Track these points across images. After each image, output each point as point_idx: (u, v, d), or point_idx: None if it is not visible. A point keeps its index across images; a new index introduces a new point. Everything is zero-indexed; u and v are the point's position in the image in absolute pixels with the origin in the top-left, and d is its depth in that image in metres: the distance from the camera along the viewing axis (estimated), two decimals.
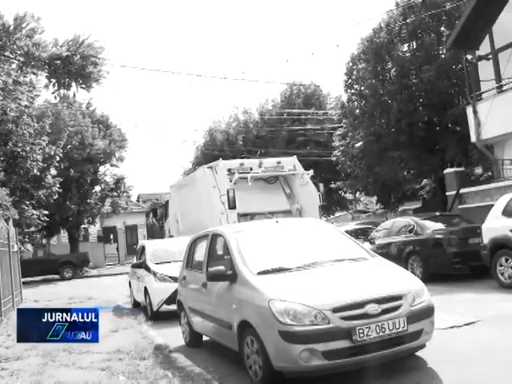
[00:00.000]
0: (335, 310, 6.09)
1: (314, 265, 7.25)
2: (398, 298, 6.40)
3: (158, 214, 26.88)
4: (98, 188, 41.22)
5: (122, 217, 45.38)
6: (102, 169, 41.49)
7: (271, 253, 7.72)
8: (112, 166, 41.81)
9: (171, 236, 20.84)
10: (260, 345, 6.42)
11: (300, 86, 44.74)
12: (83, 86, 6.02)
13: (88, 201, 38.47)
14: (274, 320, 6.16)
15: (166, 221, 23.92)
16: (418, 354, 6.96)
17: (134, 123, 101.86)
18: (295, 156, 17.93)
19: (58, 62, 5.80)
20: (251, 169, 16.59)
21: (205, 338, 9.50)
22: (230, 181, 15.79)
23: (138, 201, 58.17)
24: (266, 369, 6.39)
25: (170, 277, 12.99)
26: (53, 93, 6.23)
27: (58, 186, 29.86)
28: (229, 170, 16.29)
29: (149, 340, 10.00)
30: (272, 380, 6.45)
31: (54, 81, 6.02)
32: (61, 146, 31.51)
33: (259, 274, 7.06)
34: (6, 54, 5.70)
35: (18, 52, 5.63)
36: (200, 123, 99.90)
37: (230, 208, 15.21)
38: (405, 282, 6.90)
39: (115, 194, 41.58)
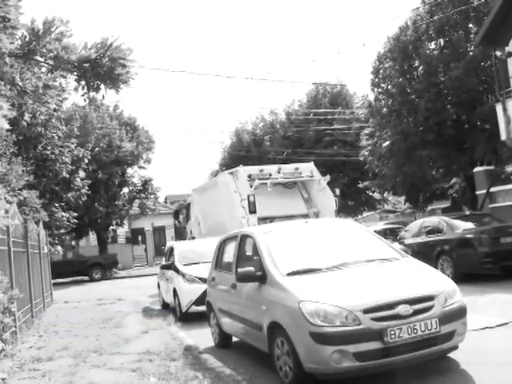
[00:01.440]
0: (366, 311, 6.03)
1: (344, 265, 7.18)
2: (430, 298, 6.32)
3: (179, 216, 27.19)
4: (125, 190, 41.57)
5: (150, 218, 45.62)
6: (129, 171, 41.84)
7: (301, 253, 7.69)
8: (139, 167, 42.16)
9: (193, 237, 21.45)
10: (290, 346, 6.38)
11: (326, 85, 44.52)
12: (112, 87, 6.06)
13: (116, 203, 38.80)
14: (304, 321, 6.13)
15: (187, 222, 24.29)
16: (450, 355, 6.87)
17: (161, 125, 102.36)
18: (312, 162, 18.60)
19: (86, 64, 5.84)
20: (270, 175, 17.29)
21: (234, 338, 9.50)
22: (251, 186, 16.46)
23: (166, 202, 58.54)
24: (296, 370, 6.36)
25: (198, 278, 13.05)
26: (82, 95, 6.28)
27: (86, 188, 30.18)
28: (249, 176, 16.97)
29: (178, 341, 10.03)
30: (302, 381, 6.41)
31: (83, 83, 6.06)
32: (89, 148, 31.82)
33: (289, 274, 7.02)
34: (36, 57, 5.76)
35: (48, 55, 5.69)
36: (227, 124, 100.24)
37: (250, 212, 15.86)
38: (437, 282, 6.81)
39: (143, 195, 41.87)
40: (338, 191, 18.55)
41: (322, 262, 7.28)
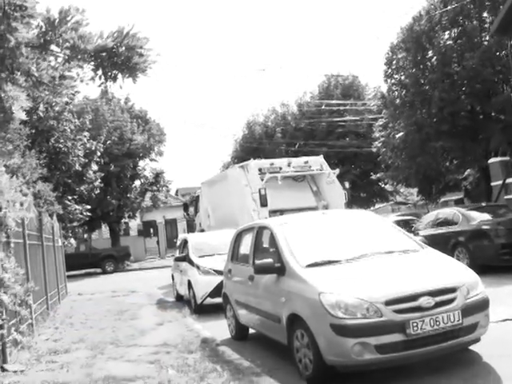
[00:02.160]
0: (388, 303, 5.95)
1: (364, 257, 7.10)
2: (453, 290, 6.23)
3: (188, 209, 27.41)
4: (137, 182, 41.63)
5: (162, 211, 45.65)
6: (141, 163, 41.88)
7: (319, 245, 7.62)
8: (151, 160, 42.16)
9: (202, 230, 21.64)
10: (310, 338, 6.32)
11: (338, 77, 44.30)
12: (129, 76, 5.99)
13: (128, 195, 38.86)
14: (325, 313, 6.06)
15: (196, 215, 24.52)
16: (472, 348, 6.76)
17: (172, 118, 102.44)
18: (322, 155, 18.76)
19: (103, 54, 5.77)
20: (280, 168, 17.53)
21: (250, 330, 9.45)
22: (262, 180, 16.69)
23: (177, 195, 58.57)
24: (316, 362, 6.29)
25: (213, 270, 13.02)
26: (99, 85, 6.21)
27: (99, 181, 30.22)
28: (259, 170, 17.19)
29: (195, 333, 9.98)
30: (323, 374, 6.35)
31: (99, 73, 6.00)
32: (101, 141, 31.83)
33: (308, 266, 6.95)
34: (52, 47, 5.69)
35: (64, 45, 5.62)
36: (238, 117, 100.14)
37: (261, 206, 16.12)
38: (459, 273, 6.72)
39: (155, 188, 41.90)
40: (347, 184, 18.94)
41: (341, 253, 7.21)
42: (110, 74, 5.92)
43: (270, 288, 7.56)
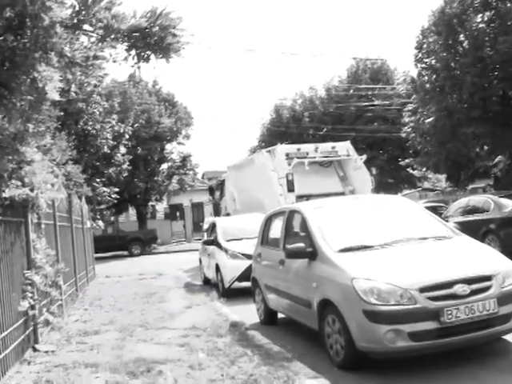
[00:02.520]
0: (422, 290, 5.87)
1: (398, 243, 7.01)
2: (488, 278, 6.12)
3: (213, 192, 27.65)
4: (164, 166, 41.77)
5: (189, 194, 45.78)
6: (168, 147, 41.98)
7: (352, 230, 7.53)
8: (178, 143, 42.24)
9: (228, 213, 21.84)
10: (342, 324, 6.25)
11: (366, 60, 43.84)
12: (163, 57, 5.93)
13: (155, 178, 39.01)
14: (358, 299, 5.99)
15: (221, 199, 24.71)
16: (507, 337, 6.62)
17: (199, 101, 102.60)
18: (349, 141, 18.89)
19: (137, 34, 5.72)
20: (307, 153, 17.61)
21: (279, 315, 9.40)
22: (289, 165, 16.74)
23: (203, 178, 58.67)
24: (348, 348, 6.24)
25: (241, 254, 13.01)
26: (132, 66, 6.16)
27: (127, 163, 30.35)
28: (287, 155, 17.25)
29: (223, 317, 9.96)
30: (354, 360, 6.30)
31: (133, 53, 5.95)
32: (129, 124, 31.93)
33: (340, 251, 6.87)
34: (86, 27, 5.65)
35: (98, 25, 5.57)
36: (266, 100, 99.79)
37: (288, 191, 16.20)
38: (494, 261, 6.60)
39: (182, 171, 42.01)
40: (374, 170, 18.66)
41: (374, 238, 7.12)
42: (143, 54, 5.88)
43: (301, 273, 7.50)
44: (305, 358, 6.92)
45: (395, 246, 6.92)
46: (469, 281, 5.99)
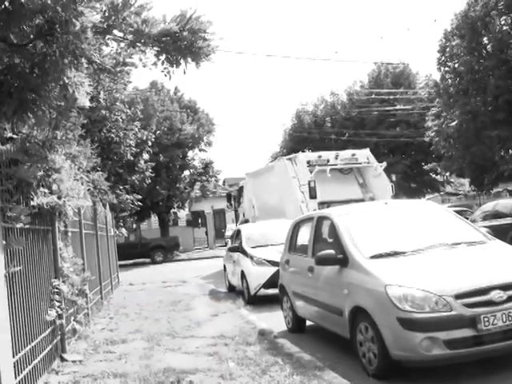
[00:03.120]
0: (458, 297, 5.73)
1: (430, 248, 6.87)
2: None
3: (231, 199, 27.98)
4: (187, 173, 41.80)
5: (210, 201, 45.77)
6: (190, 154, 42.05)
7: (382, 235, 7.41)
8: (200, 150, 42.26)
9: (246, 220, 22.00)
10: (375, 332, 6.13)
11: (388, 64, 43.60)
12: (193, 61, 5.85)
13: (177, 185, 39.05)
14: (391, 306, 5.87)
15: (239, 206, 25.19)
16: None
17: (221, 107, 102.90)
18: (368, 149, 19.19)
19: (166, 38, 5.65)
20: (328, 161, 18.01)
21: (307, 322, 9.27)
22: (310, 172, 17.09)
23: (224, 185, 58.68)
24: (381, 357, 6.11)
25: (267, 260, 12.92)
26: (162, 71, 6.09)
27: (150, 170, 30.39)
28: (308, 162, 17.64)
29: (251, 325, 9.84)
30: (388, 368, 6.17)
31: (162, 58, 5.87)
32: (152, 131, 32.00)
33: (372, 257, 6.75)
34: (116, 32, 5.58)
35: (128, 30, 5.51)
36: (288, 106, 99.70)
37: (311, 198, 16.47)
38: None
39: (204, 178, 42.02)
40: (394, 177, 19.31)
41: (405, 244, 7.00)
42: (173, 58, 5.81)
43: (332, 280, 7.37)
44: (336, 366, 6.79)
45: (428, 252, 6.78)
46: (505, 287, 5.84)
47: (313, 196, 16.45)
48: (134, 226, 40.07)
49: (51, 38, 4.96)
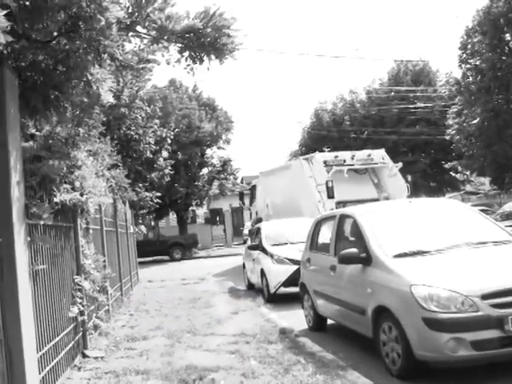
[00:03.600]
0: (484, 297, 5.63)
1: (455, 247, 6.78)
2: None
3: (243, 198, 28.19)
4: (205, 170, 41.80)
5: (228, 199, 45.74)
6: (209, 151, 42.02)
7: (406, 234, 7.33)
8: (219, 148, 42.24)
9: (259, 218, 22.09)
10: (400, 332, 6.06)
11: (408, 62, 43.27)
12: (216, 59, 5.82)
13: (196, 183, 39.06)
14: (416, 306, 5.80)
15: (251, 204, 25.43)
16: None
17: (239, 105, 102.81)
18: (383, 149, 19.45)
19: (190, 34, 5.62)
20: (344, 161, 18.22)
21: (328, 321, 9.21)
22: (327, 172, 17.25)
23: (242, 183, 58.70)
24: (405, 357, 6.03)
25: (287, 259, 12.89)
26: (185, 68, 6.06)
27: (169, 168, 30.44)
28: (325, 162, 17.84)
29: (272, 323, 9.80)
30: (412, 369, 6.10)
31: (186, 55, 5.85)
32: (171, 128, 32.04)
33: (396, 256, 6.68)
34: (139, 28, 5.57)
35: (151, 26, 5.49)
36: (306, 104, 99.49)
37: (328, 198, 16.63)
38: None
39: (222, 176, 42.03)
40: (410, 177, 19.28)
41: (430, 243, 6.91)
42: (197, 55, 5.78)
43: (355, 278, 7.31)
44: (359, 366, 6.73)
45: (453, 251, 6.69)
46: None
47: (330, 196, 16.57)
48: (153, 223, 40.18)
49: (75, 34, 4.94)
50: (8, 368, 4.74)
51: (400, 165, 18.44)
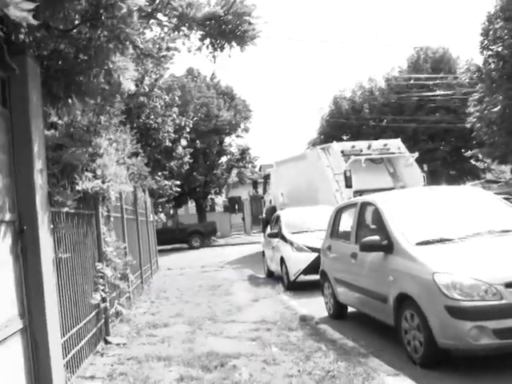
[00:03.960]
0: (508, 285, 5.58)
1: (478, 235, 6.72)
2: None
3: (257, 186, 28.40)
4: (224, 159, 41.87)
5: (247, 187, 45.76)
6: (227, 140, 42.11)
7: (428, 222, 7.27)
8: (237, 136, 42.29)
9: (273, 207, 22.47)
10: (422, 320, 6.03)
11: (427, 49, 42.77)
12: (237, 46, 5.79)
13: (214, 171, 39.16)
14: (439, 294, 5.76)
15: (265, 193, 25.91)
16: None
17: (258, 94, 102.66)
18: (399, 139, 19.63)
19: (211, 22, 5.60)
20: (361, 150, 18.37)
21: (349, 309, 9.21)
22: (345, 162, 17.41)
23: (260, 171, 58.66)
24: (427, 345, 6.01)
25: (307, 246, 12.89)
26: (207, 56, 6.05)
27: (188, 156, 30.51)
28: (342, 152, 18.00)
29: (292, 310, 9.82)
30: (434, 357, 6.07)
31: (207, 42, 5.84)
32: (190, 117, 32.09)
33: (418, 244, 6.63)
34: (160, 16, 5.56)
35: (172, 14, 5.48)
36: (325, 92, 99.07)
37: (346, 187, 16.78)
38: None
39: (241, 164, 42.07)
40: (425, 167, 19.42)
41: (452, 231, 6.85)
42: (218, 42, 5.76)
43: (376, 266, 7.29)
44: (380, 354, 6.70)
45: (476, 239, 6.62)
46: None
47: (349, 185, 16.66)
48: (172, 211, 40.31)
49: (96, 22, 4.95)
50: (33, 352, 4.80)
51: (416, 154, 18.55)
